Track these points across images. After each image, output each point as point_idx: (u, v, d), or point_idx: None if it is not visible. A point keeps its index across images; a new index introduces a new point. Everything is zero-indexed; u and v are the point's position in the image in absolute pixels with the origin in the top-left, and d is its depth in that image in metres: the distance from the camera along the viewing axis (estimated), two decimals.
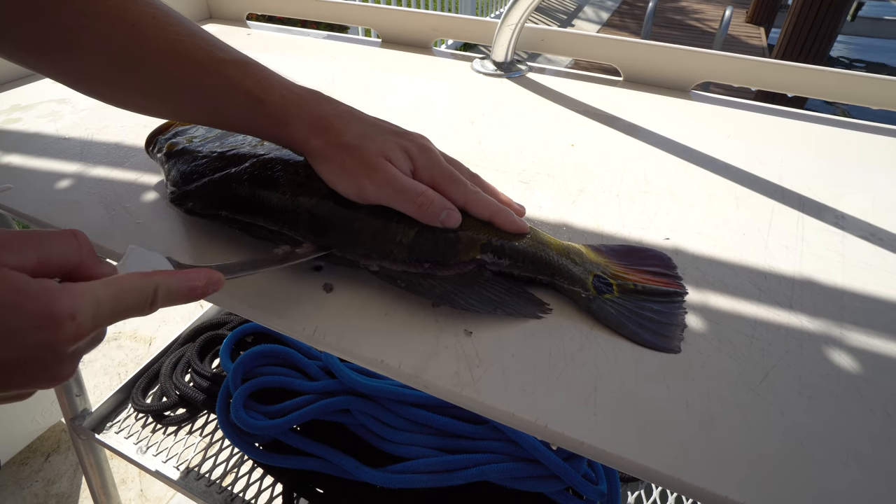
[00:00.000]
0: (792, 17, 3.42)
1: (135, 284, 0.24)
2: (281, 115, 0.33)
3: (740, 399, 0.28)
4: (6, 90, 0.60)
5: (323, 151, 0.33)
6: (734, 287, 0.35)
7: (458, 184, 0.34)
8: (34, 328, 0.21)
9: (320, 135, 0.33)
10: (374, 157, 0.32)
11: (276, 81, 0.34)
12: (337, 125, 0.33)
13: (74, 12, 0.31)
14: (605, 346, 0.30)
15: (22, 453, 1.14)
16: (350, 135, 0.33)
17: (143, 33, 0.32)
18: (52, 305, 0.21)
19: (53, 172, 0.46)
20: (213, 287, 0.27)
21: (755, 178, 0.46)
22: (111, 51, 0.32)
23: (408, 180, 0.33)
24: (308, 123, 0.33)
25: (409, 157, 0.34)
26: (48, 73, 0.34)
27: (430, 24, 0.70)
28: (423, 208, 0.32)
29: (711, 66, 0.60)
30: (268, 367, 0.73)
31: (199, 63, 0.33)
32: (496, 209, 0.34)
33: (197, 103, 0.34)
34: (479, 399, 0.27)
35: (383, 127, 0.35)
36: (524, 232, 0.34)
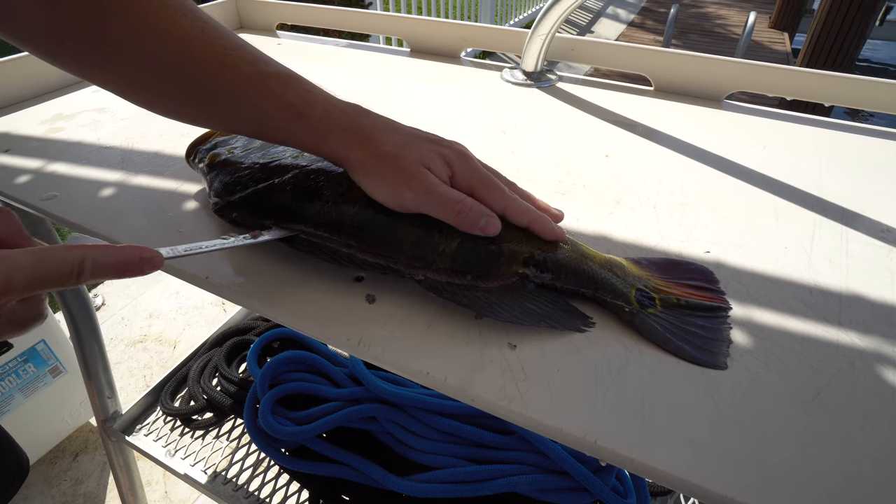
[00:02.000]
0: (818, 23, 3.37)
1: (59, 254, 0.25)
2: (323, 128, 0.34)
3: (792, 418, 0.27)
4: (50, 99, 0.61)
5: (363, 163, 0.34)
6: (779, 302, 0.34)
7: (497, 190, 0.34)
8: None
9: (360, 147, 0.34)
10: (412, 166, 0.33)
11: (319, 95, 0.35)
12: (376, 137, 0.34)
13: (128, 27, 0.32)
14: (651, 362, 0.30)
15: (51, 452, 1.16)
16: (389, 145, 0.34)
17: (191, 47, 0.33)
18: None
19: (96, 181, 0.47)
20: (147, 265, 0.27)
21: (794, 189, 0.46)
22: (161, 64, 0.33)
23: (446, 188, 0.33)
24: (349, 137, 0.34)
25: (447, 165, 0.34)
26: (102, 83, 0.36)
27: (459, 33, 0.71)
28: (462, 216, 0.32)
29: (745, 76, 0.60)
30: (295, 373, 0.74)
31: (244, 76, 0.34)
32: (535, 216, 0.34)
33: (241, 115, 0.35)
34: (527, 414, 0.27)
35: (421, 136, 0.36)
36: (562, 239, 0.34)
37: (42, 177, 0.47)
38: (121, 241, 0.39)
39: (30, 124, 0.56)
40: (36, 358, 1.04)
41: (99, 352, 0.78)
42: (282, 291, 0.35)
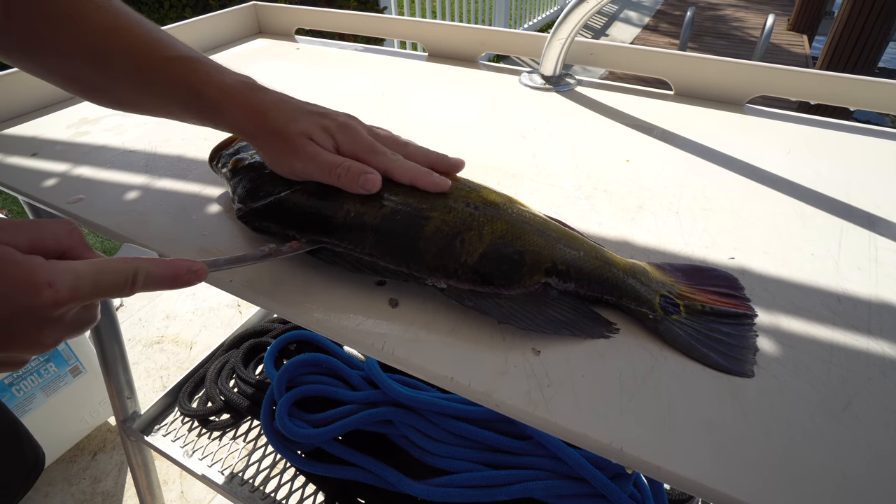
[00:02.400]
0: (839, 25, 3.32)
1: (116, 266, 0.27)
2: (218, 104, 0.37)
3: (822, 428, 0.27)
4: (75, 104, 0.63)
5: (255, 135, 0.37)
6: (806, 310, 0.34)
7: (377, 154, 0.37)
8: (16, 293, 0.24)
9: (252, 121, 0.37)
10: (297, 138, 0.36)
11: (215, 76, 0.38)
12: (266, 111, 0.37)
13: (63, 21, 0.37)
14: (676, 369, 0.30)
15: (71, 451, 1.18)
16: (277, 120, 0.37)
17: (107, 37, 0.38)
18: (33, 274, 0.25)
19: (121, 184, 0.47)
20: (195, 277, 0.30)
21: (820, 195, 0.45)
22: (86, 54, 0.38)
23: (327, 154, 0.36)
24: (243, 112, 0.37)
25: (330, 136, 0.37)
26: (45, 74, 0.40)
27: (478, 38, 0.71)
28: (342, 178, 0.35)
29: (768, 79, 0.59)
30: (311, 375, 0.74)
31: (151, 62, 0.38)
32: (415, 173, 0.36)
33: (150, 97, 0.39)
34: (552, 420, 0.27)
35: (308, 110, 0.38)
36: (444, 189, 0.36)
37: (69, 180, 0.48)
38: (149, 245, 0.40)
39: (56, 128, 0.57)
40: (57, 358, 1.05)
41: (119, 353, 0.79)
42: (306, 295, 0.35)
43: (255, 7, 0.85)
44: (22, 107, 0.60)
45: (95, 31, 0.37)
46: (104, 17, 0.38)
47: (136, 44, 0.38)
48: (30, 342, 0.26)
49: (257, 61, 0.74)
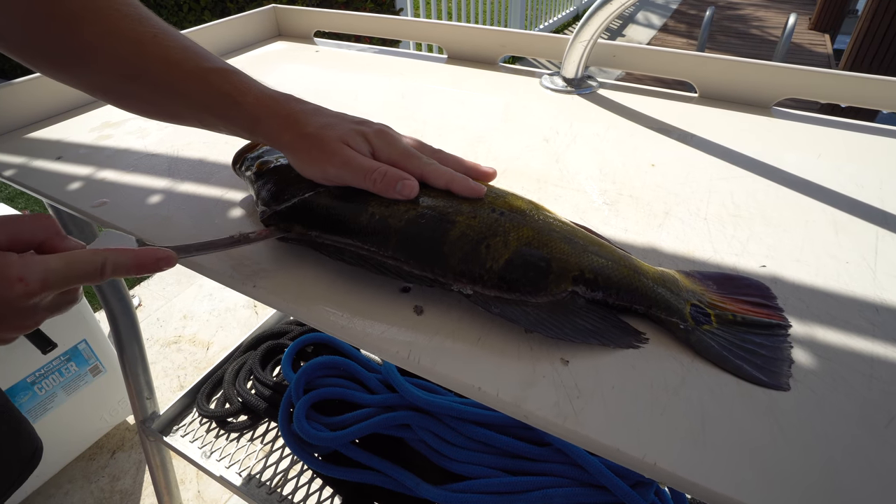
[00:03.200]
0: (863, 24, 3.25)
1: (85, 257, 0.30)
2: (255, 114, 0.38)
3: (864, 444, 0.26)
4: (98, 108, 0.63)
5: (291, 143, 0.37)
6: (843, 321, 0.33)
7: (414, 158, 0.37)
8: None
9: (288, 130, 0.37)
10: (333, 143, 0.36)
11: (252, 86, 0.39)
12: (302, 120, 0.37)
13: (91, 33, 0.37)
14: (709, 380, 0.29)
15: (90, 449, 1.19)
16: (313, 126, 0.37)
17: (143, 49, 0.38)
18: (5, 270, 0.27)
19: (144, 188, 0.48)
20: (164, 264, 0.32)
21: (853, 201, 0.44)
22: (118, 64, 0.38)
23: (364, 159, 0.36)
24: (278, 121, 0.37)
25: (367, 142, 0.37)
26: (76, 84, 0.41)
27: (498, 40, 0.70)
28: (378, 183, 0.35)
29: (795, 81, 0.58)
30: (329, 378, 0.74)
31: (187, 72, 0.38)
32: (450, 177, 0.36)
33: (186, 106, 0.39)
34: (583, 432, 0.26)
35: (343, 118, 0.39)
36: (479, 195, 0.36)
37: (93, 183, 0.49)
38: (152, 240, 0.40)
39: (80, 132, 0.58)
40: (78, 357, 1.07)
41: (139, 354, 0.80)
42: (329, 302, 0.35)
43: (274, 10, 0.86)
44: (47, 110, 0.61)
45: (129, 44, 0.37)
46: (138, 29, 0.38)
47: (171, 55, 0.38)
48: (9, 326, 0.30)
49: (277, 64, 0.75)
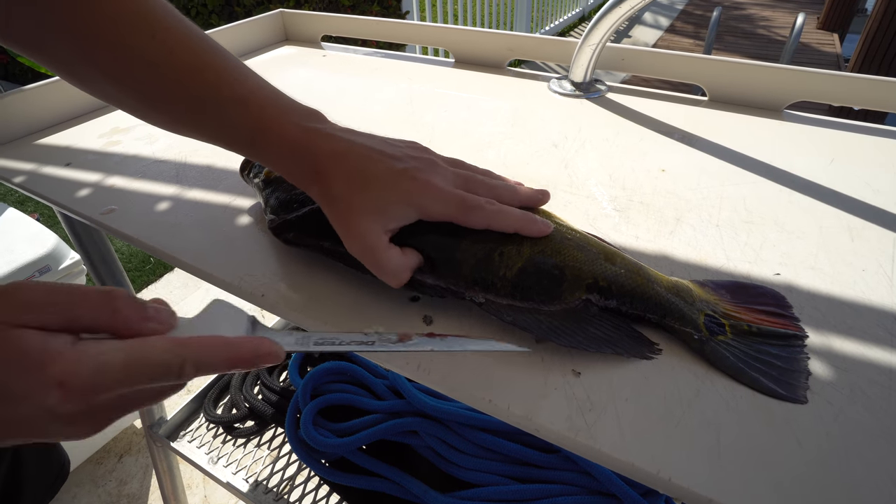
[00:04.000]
0: (872, 24, 3.22)
1: (158, 356, 0.24)
2: (277, 158, 0.34)
3: (886, 460, 0.25)
4: (107, 113, 0.63)
5: (320, 200, 0.33)
6: (860, 330, 0.32)
7: (474, 211, 0.32)
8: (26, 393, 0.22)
9: (315, 183, 0.33)
10: (357, 222, 0.31)
11: (274, 122, 0.34)
12: (328, 173, 0.32)
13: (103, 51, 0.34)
14: (724, 393, 0.29)
15: (98, 453, 1.19)
16: (338, 188, 0.32)
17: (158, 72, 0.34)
18: (43, 371, 0.22)
19: (152, 195, 0.48)
20: (260, 359, 0.26)
21: (869, 206, 0.43)
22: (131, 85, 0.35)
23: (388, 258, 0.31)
24: (303, 171, 0.33)
25: (409, 206, 0.32)
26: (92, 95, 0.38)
27: (506, 44, 0.70)
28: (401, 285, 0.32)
29: (807, 84, 0.57)
30: (336, 383, 0.74)
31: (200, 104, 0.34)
32: (520, 224, 0.33)
33: (203, 138, 0.36)
34: (596, 447, 0.26)
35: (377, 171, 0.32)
36: (547, 233, 0.33)
37: (101, 190, 0.49)
38: (179, 256, 0.40)
39: (89, 138, 0.58)
40: None
41: None
42: (338, 312, 0.34)
43: (282, 14, 0.86)
44: (56, 116, 0.61)
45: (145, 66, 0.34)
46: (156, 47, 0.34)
47: (190, 80, 0.34)
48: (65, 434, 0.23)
49: (285, 68, 0.74)
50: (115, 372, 0.23)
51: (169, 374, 0.24)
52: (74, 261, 1.03)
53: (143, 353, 0.23)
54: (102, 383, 0.22)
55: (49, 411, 0.22)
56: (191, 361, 0.24)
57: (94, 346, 0.23)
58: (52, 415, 0.22)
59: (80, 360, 0.22)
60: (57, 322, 0.23)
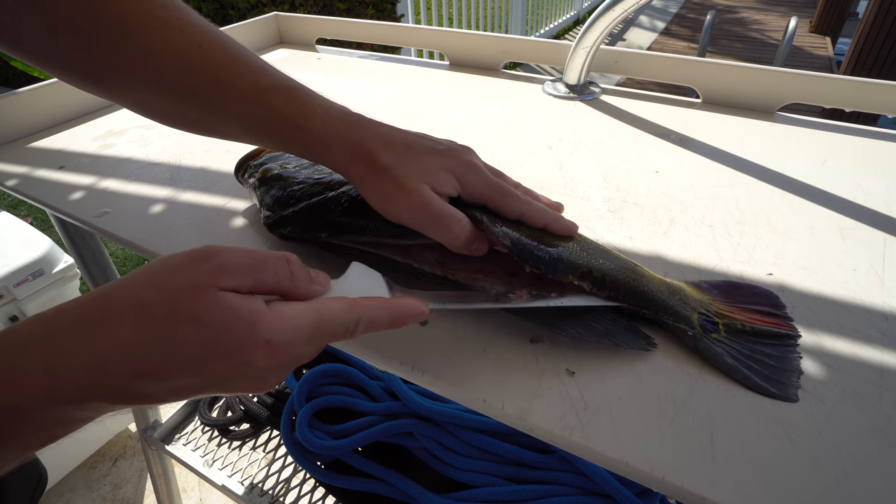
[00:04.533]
0: (864, 27, 3.25)
1: (339, 317, 0.26)
2: (322, 140, 0.33)
3: (876, 458, 0.25)
4: (102, 116, 0.63)
5: (363, 177, 0.33)
6: (852, 329, 0.32)
7: (511, 197, 0.34)
8: (239, 347, 0.23)
9: (361, 160, 0.33)
10: (410, 181, 0.32)
11: (318, 106, 0.34)
12: (376, 150, 0.33)
13: (127, 52, 0.33)
14: (717, 392, 0.29)
15: (92, 457, 1.19)
16: (388, 159, 0.32)
17: (189, 65, 0.34)
18: (252, 330, 0.23)
19: (146, 197, 0.48)
20: (414, 318, 0.28)
21: (860, 207, 0.43)
22: (161, 84, 0.34)
23: (443, 206, 0.32)
24: (348, 149, 0.33)
25: (454, 177, 0.33)
26: (113, 101, 0.38)
27: (500, 46, 0.70)
28: (460, 238, 0.31)
29: (799, 87, 0.57)
30: (331, 385, 0.74)
31: (241, 91, 0.34)
32: (551, 218, 0.34)
33: (242, 130, 0.35)
34: (590, 446, 0.26)
35: (424, 147, 0.34)
36: (574, 232, 0.34)
37: (95, 193, 0.48)
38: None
39: (83, 140, 0.58)
40: None
41: None
42: None
43: (276, 18, 0.86)
44: (50, 119, 0.61)
45: (173, 61, 0.33)
46: (179, 40, 0.34)
47: (222, 72, 0.34)
48: (249, 387, 0.25)
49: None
50: (308, 329, 0.25)
51: (346, 333, 0.26)
52: (68, 264, 1.02)
53: (329, 314, 0.25)
54: (298, 341, 0.24)
55: (251, 367, 0.24)
56: (364, 320, 0.26)
57: (287, 307, 0.25)
58: (253, 370, 0.24)
59: (282, 318, 0.24)
60: (247, 285, 0.24)
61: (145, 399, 0.23)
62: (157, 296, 0.23)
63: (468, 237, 0.32)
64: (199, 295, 0.23)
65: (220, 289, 0.23)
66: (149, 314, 0.22)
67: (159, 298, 0.23)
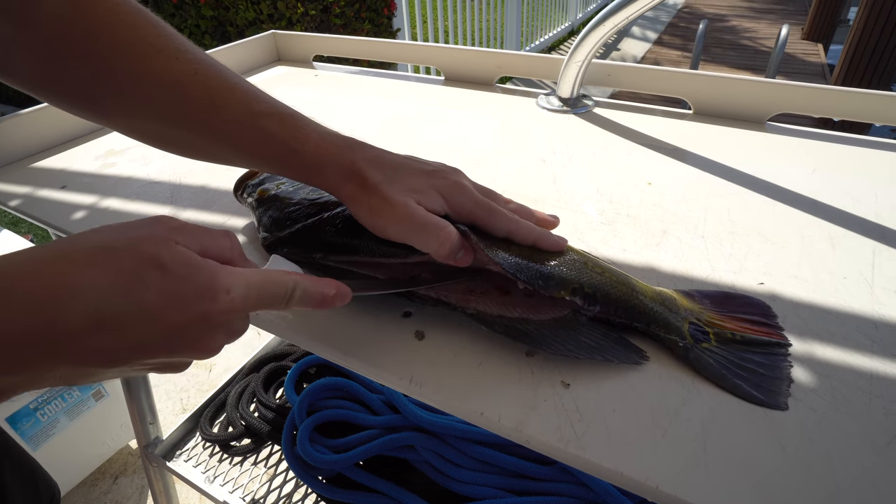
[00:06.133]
0: (855, 34, 3.29)
1: (279, 278, 0.28)
2: (315, 163, 0.35)
3: (867, 464, 0.26)
4: (102, 136, 0.64)
5: (353, 195, 0.34)
6: (842, 337, 0.33)
7: (498, 215, 0.34)
8: (199, 297, 0.24)
9: (351, 180, 0.34)
10: (395, 196, 0.33)
11: (312, 131, 0.35)
12: (365, 169, 0.34)
13: (122, 76, 0.34)
14: (710, 401, 0.29)
15: (92, 475, 1.18)
16: (376, 177, 0.34)
17: (184, 91, 0.35)
18: (215, 279, 0.25)
19: (148, 215, 0.48)
20: (340, 299, 0.30)
21: (849, 215, 0.44)
22: (155, 109, 0.35)
23: (427, 215, 0.32)
24: (340, 171, 0.34)
25: (441, 197, 0.34)
26: (105, 125, 0.38)
27: (495, 61, 0.71)
28: (445, 245, 0.32)
29: (788, 97, 0.58)
30: (332, 399, 0.74)
31: (235, 116, 0.35)
32: (538, 234, 0.35)
33: (237, 154, 0.36)
34: (585, 456, 0.26)
35: (412, 168, 0.35)
36: (563, 248, 0.35)
37: (97, 212, 0.49)
38: None
39: (84, 160, 0.59)
40: None
41: (142, 378, 0.80)
42: (331, 329, 0.35)
43: (274, 35, 0.87)
44: (51, 140, 0.62)
45: (168, 88, 0.34)
46: (175, 68, 0.34)
47: (217, 98, 0.35)
48: (198, 347, 0.26)
49: (278, 88, 0.76)
50: (257, 287, 0.27)
51: (285, 296, 0.28)
52: None
53: (271, 276, 0.27)
54: (249, 296, 0.26)
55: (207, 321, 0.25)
56: (299, 287, 0.28)
57: (237, 269, 0.27)
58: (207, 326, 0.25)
59: (236, 273, 0.26)
60: (196, 248, 0.26)
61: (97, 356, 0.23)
62: (122, 243, 0.24)
63: (453, 245, 0.32)
64: (161, 244, 0.24)
65: (177, 243, 0.25)
66: (114, 257, 0.23)
67: (124, 245, 0.24)
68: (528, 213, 0.38)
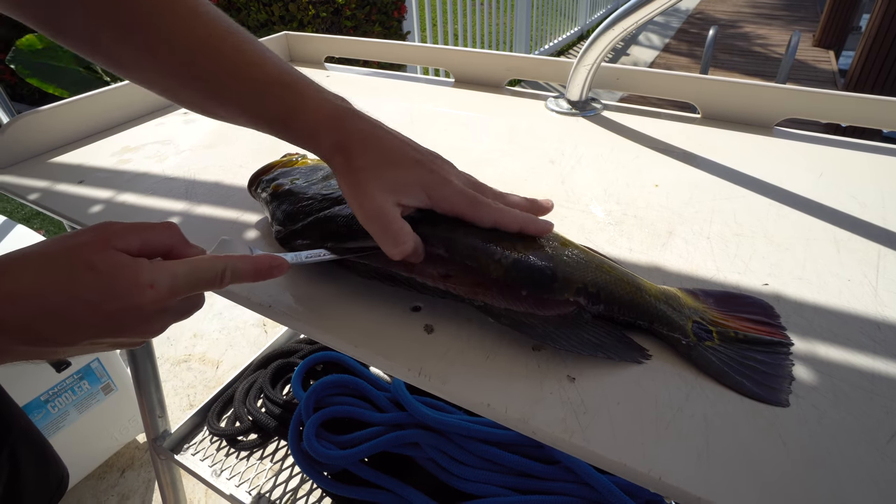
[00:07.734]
0: (866, 42, 3.27)
1: (207, 264, 0.31)
2: (311, 131, 0.37)
3: (867, 461, 0.26)
4: (118, 132, 0.65)
5: (340, 170, 0.35)
6: (844, 338, 0.33)
7: (483, 207, 0.35)
8: (128, 292, 0.28)
9: (340, 153, 0.35)
10: (373, 190, 0.34)
11: (312, 98, 0.37)
12: (357, 148, 0.35)
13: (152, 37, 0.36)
14: (713, 397, 0.30)
15: (100, 468, 1.20)
16: (362, 161, 0.35)
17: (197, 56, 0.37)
18: (137, 276, 0.29)
19: (163, 210, 0.49)
20: (276, 270, 0.33)
21: (855, 219, 0.45)
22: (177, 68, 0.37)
23: (395, 223, 0.33)
24: (334, 139, 0.36)
25: (424, 192, 0.35)
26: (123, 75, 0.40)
27: (505, 64, 0.72)
28: (398, 256, 0.34)
29: (796, 102, 0.59)
30: (338, 396, 0.75)
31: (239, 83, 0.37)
32: (524, 221, 0.35)
33: (243, 117, 0.39)
34: (589, 448, 0.27)
35: (402, 156, 0.36)
36: (550, 230, 0.36)
37: (113, 206, 0.50)
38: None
39: (101, 156, 0.60)
40: (90, 375, 1.08)
41: (152, 372, 0.81)
42: (343, 322, 0.36)
43: (286, 37, 0.88)
44: (70, 136, 0.63)
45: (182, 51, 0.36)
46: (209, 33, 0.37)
47: (226, 64, 0.37)
48: (140, 331, 0.30)
49: None
50: (183, 276, 0.30)
51: (216, 279, 0.31)
52: None
53: (199, 263, 0.31)
54: (177, 285, 0.30)
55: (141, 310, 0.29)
56: (230, 268, 0.31)
57: (165, 261, 0.30)
58: (143, 314, 0.29)
59: (160, 267, 0.30)
60: (136, 245, 0.30)
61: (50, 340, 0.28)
62: (60, 249, 0.29)
63: (408, 256, 0.34)
64: (95, 249, 0.29)
65: (113, 248, 0.29)
66: (52, 262, 0.28)
67: (62, 251, 0.28)
68: (518, 200, 0.39)
